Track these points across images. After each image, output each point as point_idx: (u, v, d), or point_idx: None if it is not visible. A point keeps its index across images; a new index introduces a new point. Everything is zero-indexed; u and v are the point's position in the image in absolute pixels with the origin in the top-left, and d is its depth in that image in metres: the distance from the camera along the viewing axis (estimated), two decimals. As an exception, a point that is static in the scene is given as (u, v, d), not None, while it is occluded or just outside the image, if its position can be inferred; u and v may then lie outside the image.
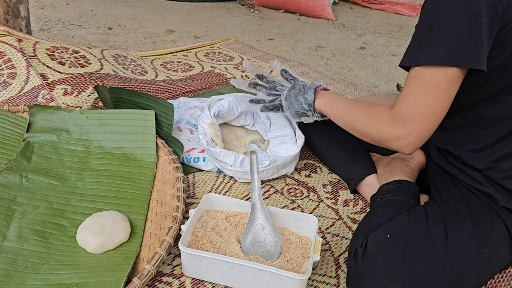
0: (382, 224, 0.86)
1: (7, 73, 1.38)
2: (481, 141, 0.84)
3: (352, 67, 2.30)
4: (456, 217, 0.82)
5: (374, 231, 0.84)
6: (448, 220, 0.81)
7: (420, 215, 0.84)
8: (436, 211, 0.84)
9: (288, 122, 1.29)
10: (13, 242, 0.86)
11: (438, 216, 0.83)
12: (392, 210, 0.91)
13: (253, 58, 2.15)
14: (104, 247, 0.87)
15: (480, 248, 0.78)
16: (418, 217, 0.84)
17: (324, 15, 3.23)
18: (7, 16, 1.67)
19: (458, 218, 0.82)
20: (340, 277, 0.92)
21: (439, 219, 0.82)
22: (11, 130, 1.16)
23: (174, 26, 2.70)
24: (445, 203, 0.87)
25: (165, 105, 1.19)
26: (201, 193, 1.12)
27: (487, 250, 0.78)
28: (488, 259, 0.79)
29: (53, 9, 2.75)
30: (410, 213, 0.86)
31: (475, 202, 0.85)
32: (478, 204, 0.84)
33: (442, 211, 0.84)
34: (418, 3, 3.80)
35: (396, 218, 0.86)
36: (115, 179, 1.07)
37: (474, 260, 0.78)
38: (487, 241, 0.79)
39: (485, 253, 0.78)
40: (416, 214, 0.85)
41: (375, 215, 0.92)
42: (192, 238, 0.90)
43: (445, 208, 0.85)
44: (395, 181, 1.02)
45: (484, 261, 0.78)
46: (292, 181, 1.22)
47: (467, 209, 0.83)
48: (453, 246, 0.78)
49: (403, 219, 0.84)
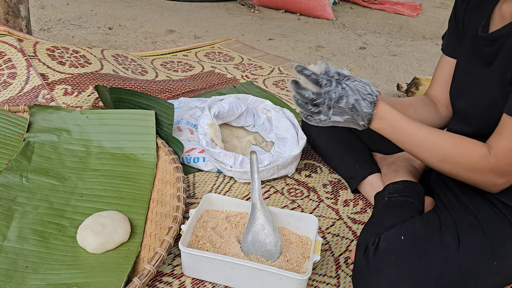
0: (395, 225, 0.86)
1: (7, 73, 1.38)
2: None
3: (352, 67, 2.30)
4: (468, 227, 0.82)
5: (387, 230, 0.84)
6: (460, 230, 0.81)
7: (434, 222, 0.84)
8: (448, 219, 0.84)
9: (291, 123, 1.29)
10: (13, 242, 0.86)
11: (451, 224, 0.83)
12: (403, 212, 0.92)
13: (253, 58, 2.15)
14: (104, 247, 0.87)
15: (490, 261, 0.78)
16: (431, 223, 0.84)
17: (324, 15, 3.23)
18: (7, 16, 1.67)
19: (470, 228, 0.81)
20: (340, 277, 0.92)
21: (452, 227, 0.82)
22: (11, 130, 1.16)
23: (174, 26, 2.70)
24: (456, 212, 0.86)
25: (165, 105, 1.20)
26: (201, 193, 1.12)
27: (497, 264, 0.78)
28: (496, 272, 0.78)
29: (53, 9, 2.75)
30: (424, 218, 0.86)
31: (488, 213, 0.84)
32: (492, 215, 0.83)
33: (454, 220, 0.84)
34: (418, 3, 3.80)
35: (409, 221, 0.86)
36: (115, 179, 1.07)
37: (483, 272, 0.78)
38: (497, 254, 0.79)
39: (495, 266, 0.78)
40: (429, 220, 0.85)
41: (386, 215, 0.92)
42: (192, 238, 0.90)
43: (456, 217, 0.84)
44: (402, 181, 1.02)
45: (492, 274, 0.78)
46: (292, 181, 1.22)
47: (479, 220, 0.82)
48: (464, 255, 0.78)
49: (417, 223, 0.85)
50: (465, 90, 0.89)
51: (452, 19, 0.98)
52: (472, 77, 0.88)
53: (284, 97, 1.74)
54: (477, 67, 0.86)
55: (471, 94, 0.87)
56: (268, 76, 1.95)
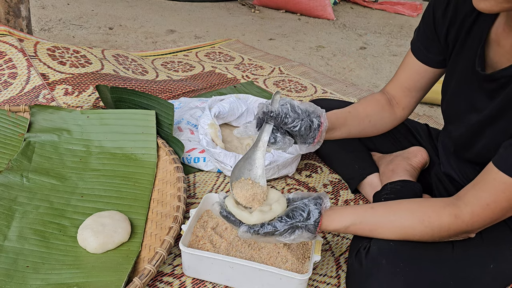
0: None
1: (8, 73, 1.38)
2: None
3: (352, 67, 2.30)
4: None
5: None
6: None
7: None
8: None
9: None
10: (14, 242, 0.86)
11: None
12: None
13: (254, 58, 2.15)
14: (104, 247, 0.87)
15: (485, 264, 0.78)
16: None
17: (324, 15, 3.23)
18: (8, 16, 1.67)
19: None
20: (340, 277, 0.92)
21: None
22: (12, 130, 1.16)
23: (175, 26, 2.70)
24: None
25: (165, 105, 1.20)
26: (201, 193, 1.12)
27: (493, 267, 0.78)
28: (492, 276, 0.78)
29: (54, 9, 2.75)
30: None
31: None
32: None
33: None
34: (418, 3, 3.80)
35: None
36: (115, 179, 1.07)
37: (478, 275, 0.77)
38: (493, 258, 0.78)
39: (491, 270, 0.77)
40: None
41: None
42: (192, 238, 0.90)
43: None
44: (399, 181, 1.02)
45: (488, 277, 0.77)
46: (292, 181, 1.22)
47: None
48: (458, 258, 0.77)
49: None
50: (461, 116, 0.86)
51: (429, 26, 0.89)
52: (469, 104, 0.83)
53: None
54: (475, 94, 0.81)
55: (467, 122, 0.84)
56: (268, 76, 1.95)
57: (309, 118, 0.84)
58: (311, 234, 0.76)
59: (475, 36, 0.80)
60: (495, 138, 0.76)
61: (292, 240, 0.76)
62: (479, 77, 0.79)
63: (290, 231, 0.75)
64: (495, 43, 0.77)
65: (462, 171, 0.93)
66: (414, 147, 1.12)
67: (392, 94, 0.99)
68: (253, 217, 0.75)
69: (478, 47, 0.79)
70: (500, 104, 0.75)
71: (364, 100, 1.00)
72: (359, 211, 0.79)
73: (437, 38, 0.88)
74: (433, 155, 1.10)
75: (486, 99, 0.78)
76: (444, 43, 0.88)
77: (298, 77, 1.97)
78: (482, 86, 0.79)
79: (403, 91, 0.97)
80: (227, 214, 0.76)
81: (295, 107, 0.83)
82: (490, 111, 0.77)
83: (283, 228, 0.74)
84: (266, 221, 0.75)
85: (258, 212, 0.75)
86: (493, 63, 0.78)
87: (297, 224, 0.75)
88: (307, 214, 0.75)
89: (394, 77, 0.99)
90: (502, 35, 0.75)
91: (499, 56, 0.76)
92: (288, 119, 0.81)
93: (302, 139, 0.85)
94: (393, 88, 0.99)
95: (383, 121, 0.99)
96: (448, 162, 0.98)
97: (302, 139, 0.85)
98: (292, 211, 0.76)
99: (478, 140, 0.83)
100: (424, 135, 1.16)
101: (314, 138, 0.85)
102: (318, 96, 1.79)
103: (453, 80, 0.87)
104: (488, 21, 0.77)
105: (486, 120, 0.79)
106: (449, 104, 0.91)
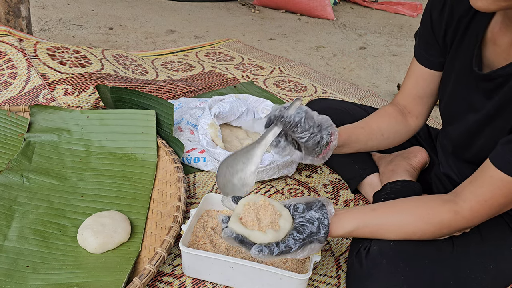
0: None
1: (8, 73, 1.38)
2: None
3: (352, 67, 2.30)
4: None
5: None
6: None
7: None
8: None
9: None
10: (14, 242, 0.86)
11: None
12: None
13: (254, 58, 2.15)
14: (104, 247, 0.87)
15: (485, 264, 0.77)
16: None
17: (324, 15, 3.23)
18: (8, 16, 1.67)
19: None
20: (340, 277, 0.92)
21: None
22: (12, 130, 1.16)
23: (175, 26, 2.70)
24: None
25: (165, 105, 1.20)
26: (201, 193, 1.12)
27: (493, 266, 0.77)
28: (492, 276, 0.78)
29: (54, 9, 2.75)
30: None
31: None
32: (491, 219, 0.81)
33: None
34: (418, 3, 3.80)
35: None
36: (115, 179, 1.07)
37: (478, 274, 0.77)
38: (493, 257, 0.78)
39: (491, 269, 0.77)
40: None
41: None
42: (192, 238, 0.90)
43: None
44: (399, 181, 1.02)
45: (488, 277, 0.77)
46: (292, 181, 1.22)
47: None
48: (458, 258, 0.77)
49: None
50: (459, 117, 0.86)
51: (427, 29, 0.89)
52: (466, 104, 0.83)
53: (285, 97, 1.74)
54: (472, 94, 0.81)
55: (465, 123, 0.84)
56: (268, 76, 1.95)
57: (320, 133, 0.82)
58: (322, 244, 0.75)
59: (472, 35, 0.80)
60: (493, 138, 0.76)
61: (305, 256, 0.74)
62: (476, 77, 0.78)
63: (303, 248, 0.73)
64: (492, 42, 0.77)
65: (461, 172, 0.93)
66: (414, 147, 1.12)
67: (403, 104, 0.98)
68: (268, 235, 0.71)
69: (474, 46, 0.79)
70: (498, 104, 0.75)
71: (375, 114, 0.98)
72: (360, 215, 0.78)
73: (436, 40, 0.88)
74: (433, 155, 1.10)
75: (484, 99, 0.78)
76: (443, 44, 0.87)
77: (298, 77, 1.97)
78: (479, 86, 0.79)
79: (413, 99, 0.96)
80: (242, 238, 0.71)
81: (309, 119, 0.81)
82: (487, 110, 0.77)
83: (297, 246, 0.71)
84: (280, 239, 0.72)
85: (272, 230, 0.72)
86: (490, 63, 0.78)
87: (309, 239, 0.73)
88: (316, 227, 0.73)
89: (402, 86, 0.98)
90: (499, 34, 0.75)
91: (495, 55, 0.76)
92: (297, 129, 0.80)
93: (307, 151, 0.84)
94: (403, 98, 0.98)
95: (397, 134, 0.98)
96: (447, 162, 0.98)
97: (307, 151, 0.85)
98: (301, 226, 0.73)
99: (476, 140, 0.83)
100: (424, 135, 1.16)
101: (319, 153, 0.85)
102: (318, 96, 1.79)
103: (450, 80, 0.87)
104: (484, 20, 0.77)
105: (484, 119, 0.79)
106: (447, 104, 0.90)
